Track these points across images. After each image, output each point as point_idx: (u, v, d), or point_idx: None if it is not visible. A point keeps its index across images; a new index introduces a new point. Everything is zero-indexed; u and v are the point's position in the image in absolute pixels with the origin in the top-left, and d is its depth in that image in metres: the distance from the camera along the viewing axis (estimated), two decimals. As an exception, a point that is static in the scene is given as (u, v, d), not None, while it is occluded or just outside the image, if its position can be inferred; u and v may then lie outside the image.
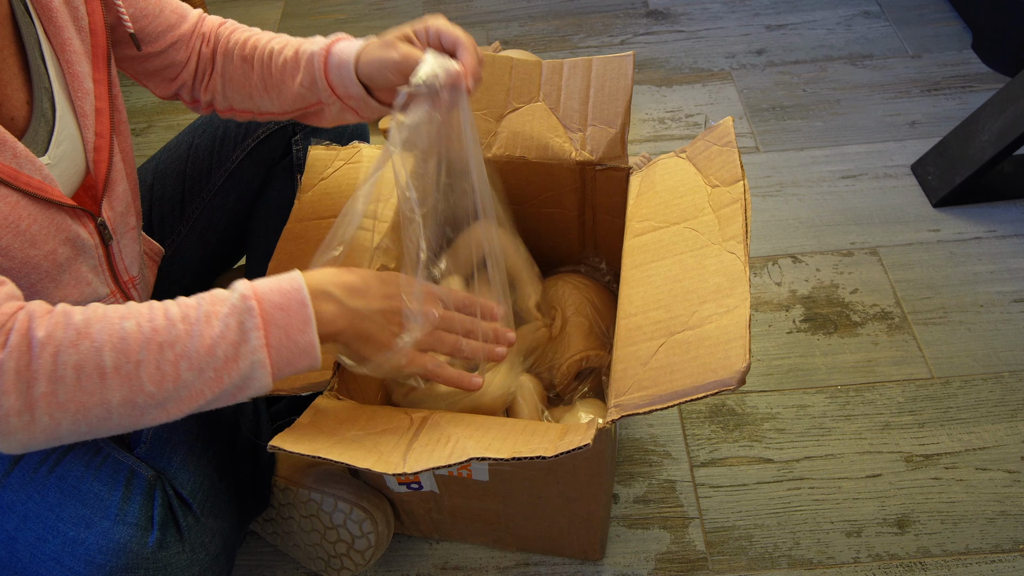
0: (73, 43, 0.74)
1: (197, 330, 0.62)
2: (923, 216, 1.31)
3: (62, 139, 0.74)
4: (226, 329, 0.62)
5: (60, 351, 0.59)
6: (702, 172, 0.85)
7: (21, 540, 0.73)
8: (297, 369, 0.65)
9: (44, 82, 0.73)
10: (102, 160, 0.77)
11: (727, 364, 0.66)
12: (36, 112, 0.72)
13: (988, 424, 1.05)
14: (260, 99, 0.86)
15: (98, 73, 0.77)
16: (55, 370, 0.59)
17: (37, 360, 0.58)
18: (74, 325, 0.60)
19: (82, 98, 0.75)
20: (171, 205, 1.00)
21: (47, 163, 0.71)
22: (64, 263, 0.74)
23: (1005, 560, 0.93)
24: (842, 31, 1.68)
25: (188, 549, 0.74)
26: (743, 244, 0.75)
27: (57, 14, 0.73)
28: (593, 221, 1.04)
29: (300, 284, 0.66)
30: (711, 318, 0.70)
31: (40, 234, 0.70)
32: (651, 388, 0.69)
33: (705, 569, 0.95)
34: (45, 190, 0.69)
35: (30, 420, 0.59)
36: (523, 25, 1.79)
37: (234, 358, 0.62)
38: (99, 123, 0.77)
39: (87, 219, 0.76)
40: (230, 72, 0.87)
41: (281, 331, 0.64)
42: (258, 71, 0.85)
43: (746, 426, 1.07)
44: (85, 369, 0.59)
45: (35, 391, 0.58)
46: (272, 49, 0.84)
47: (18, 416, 0.58)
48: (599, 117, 0.94)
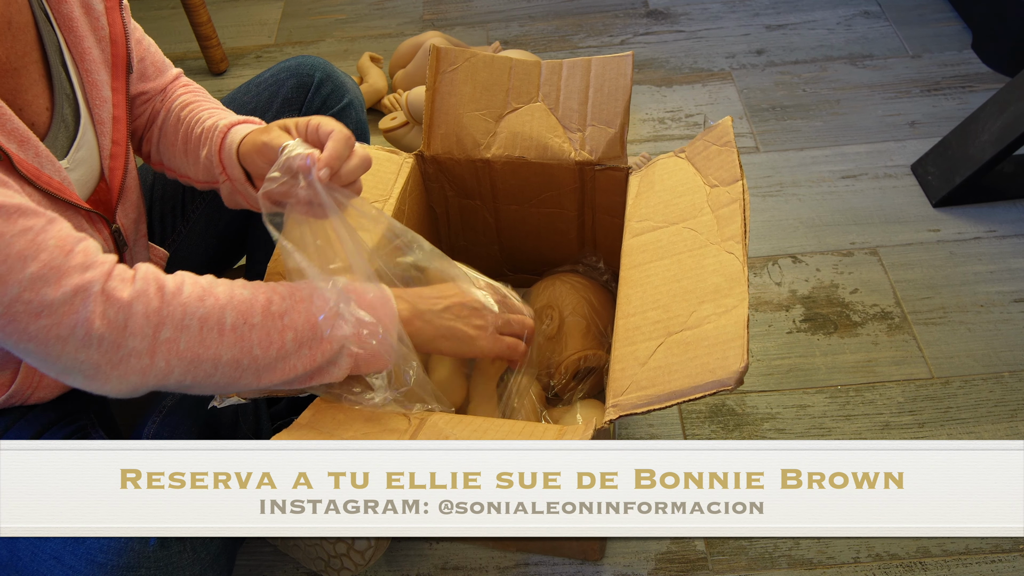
0: (92, 52, 0.76)
1: (304, 307, 0.69)
2: (923, 216, 1.31)
3: (82, 144, 0.75)
4: (329, 312, 0.69)
5: (189, 303, 0.64)
6: (701, 172, 0.85)
7: (22, 539, 0.73)
8: (374, 368, 0.73)
9: (66, 88, 0.74)
10: (118, 168, 0.78)
11: (725, 364, 0.66)
12: (56, 117, 0.73)
13: (988, 424, 1.05)
14: (182, 162, 0.85)
15: (116, 82, 0.78)
16: (183, 319, 0.63)
17: (168, 306, 0.63)
18: (200, 282, 0.66)
19: (100, 106, 0.76)
20: (171, 205, 1.00)
21: (66, 167, 0.73)
22: None
23: (1005, 560, 0.93)
24: (842, 31, 1.68)
25: (189, 548, 0.74)
26: (742, 244, 0.75)
27: (77, 24, 0.74)
28: (592, 221, 1.04)
29: (387, 293, 0.75)
30: (709, 318, 0.70)
31: None
32: (649, 388, 0.69)
33: (705, 569, 0.95)
34: (64, 191, 0.70)
35: (149, 364, 0.62)
36: (523, 25, 1.79)
37: (330, 339, 0.69)
38: (116, 131, 0.78)
39: (102, 225, 0.77)
40: (165, 129, 0.86)
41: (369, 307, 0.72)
42: (182, 134, 0.84)
43: (746, 426, 1.07)
44: (208, 323, 0.64)
45: (161, 335, 0.62)
46: (199, 117, 0.83)
47: (139, 358, 0.62)
48: (598, 117, 0.94)
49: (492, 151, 0.96)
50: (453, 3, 1.87)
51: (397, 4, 1.88)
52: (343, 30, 1.83)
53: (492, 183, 1.01)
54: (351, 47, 1.77)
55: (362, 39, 1.80)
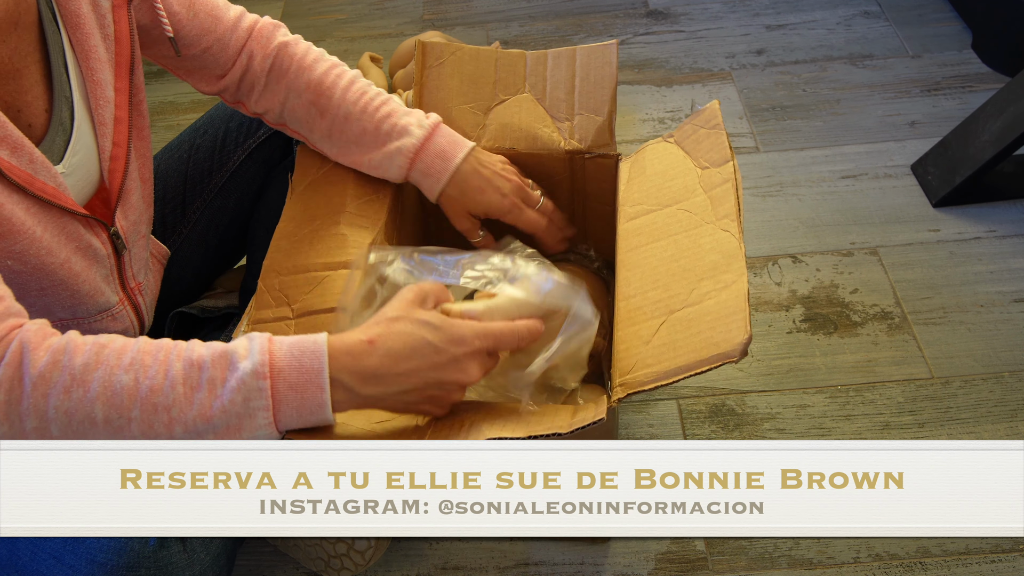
0: (98, 50, 0.74)
1: (198, 398, 0.61)
2: (923, 216, 1.31)
3: (77, 148, 0.74)
4: (230, 404, 0.61)
5: (51, 394, 0.59)
6: (691, 155, 0.86)
7: (21, 538, 0.73)
8: (308, 426, 0.65)
9: (65, 91, 0.73)
10: (117, 170, 0.77)
11: (729, 337, 0.66)
12: (55, 120, 0.72)
13: (988, 424, 1.05)
14: (321, 141, 0.88)
15: (120, 82, 0.76)
16: (45, 412, 0.59)
17: (28, 399, 0.58)
18: (70, 369, 0.59)
19: (102, 107, 0.75)
20: (172, 206, 1.00)
21: (62, 172, 0.72)
22: (80, 272, 0.74)
23: (1005, 560, 0.93)
24: (842, 31, 1.68)
25: (189, 548, 0.74)
26: (736, 222, 0.75)
27: (84, 21, 0.73)
28: (583, 209, 1.05)
29: (322, 365, 0.62)
30: (710, 294, 0.71)
31: (54, 242, 0.70)
32: (655, 365, 0.69)
33: (705, 569, 0.95)
34: (59, 198, 0.69)
35: (20, 439, 0.60)
36: (523, 25, 1.79)
37: (236, 428, 0.62)
38: (117, 132, 0.76)
39: (100, 229, 0.76)
40: (292, 106, 0.87)
41: (293, 411, 0.63)
42: (326, 125, 0.86)
43: (746, 426, 1.07)
44: (75, 417, 0.59)
45: (26, 425, 0.59)
46: (348, 112, 0.85)
47: (8, 439, 0.59)
48: (586, 106, 0.95)
49: (483, 143, 0.97)
50: (453, 3, 1.87)
51: (397, 4, 1.88)
52: (343, 30, 1.83)
53: None
54: (351, 47, 1.77)
55: (362, 39, 1.80)
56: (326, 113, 0.87)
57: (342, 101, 0.86)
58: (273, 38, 0.88)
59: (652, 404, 1.10)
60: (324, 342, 0.63)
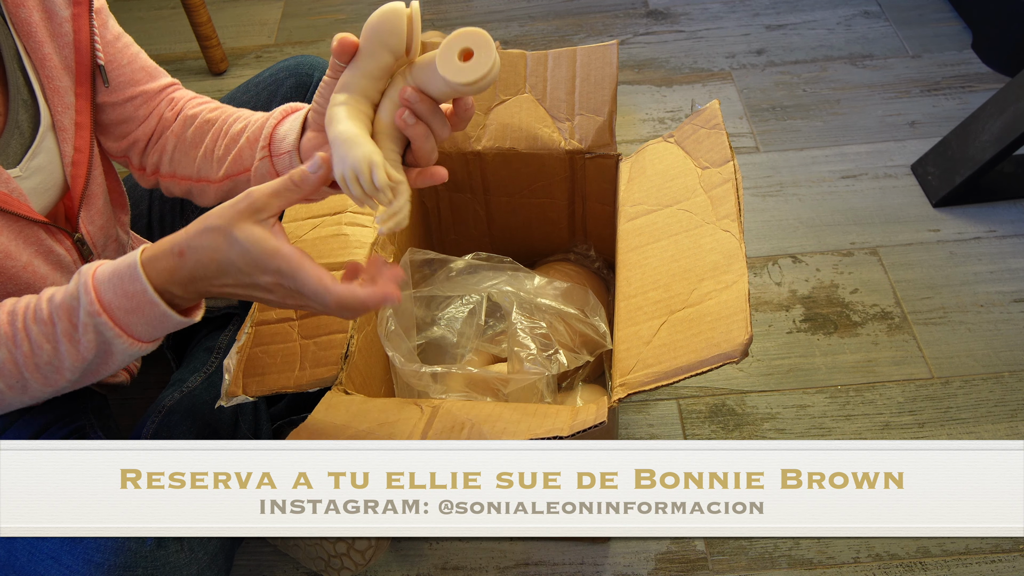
0: (52, 58, 0.73)
1: (64, 349, 0.63)
2: (923, 216, 1.31)
3: (39, 151, 0.73)
4: (91, 343, 0.63)
5: None
6: (691, 155, 0.86)
7: (19, 538, 0.73)
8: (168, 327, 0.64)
9: (23, 94, 0.72)
10: (79, 175, 0.76)
11: (729, 337, 0.66)
12: (10, 123, 0.71)
13: (988, 424, 1.05)
14: (202, 164, 0.81)
15: (80, 88, 0.75)
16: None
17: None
18: None
19: (62, 112, 0.74)
20: (171, 205, 1.00)
21: (17, 175, 0.71)
22: (45, 275, 0.74)
23: (1005, 560, 0.93)
24: (842, 31, 1.68)
25: (186, 548, 0.74)
26: (737, 222, 0.75)
27: (35, 29, 0.72)
28: (583, 209, 1.05)
29: (144, 285, 0.61)
30: (710, 295, 0.71)
31: (12, 247, 0.70)
32: (656, 366, 0.69)
33: (705, 569, 0.95)
34: (12, 204, 0.69)
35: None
36: (523, 25, 1.79)
37: (108, 354, 0.64)
38: (79, 138, 0.76)
39: (63, 236, 0.75)
40: (185, 135, 0.82)
41: (143, 326, 0.63)
42: (214, 132, 0.81)
43: (746, 426, 1.07)
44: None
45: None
46: (240, 115, 0.80)
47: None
48: (586, 106, 0.95)
49: (483, 143, 0.97)
50: (453, 3, 1.87)
51: (397, 4, 1.88)
52: (343, 30, 1.82)
53: (483, 175, 1.02)
54: (351, 47, 1.77)
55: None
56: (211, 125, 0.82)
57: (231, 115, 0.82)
58: (185, 95, 0.85)
59: (652, 404, 1.10)
60: (138, 263, 0.62)
